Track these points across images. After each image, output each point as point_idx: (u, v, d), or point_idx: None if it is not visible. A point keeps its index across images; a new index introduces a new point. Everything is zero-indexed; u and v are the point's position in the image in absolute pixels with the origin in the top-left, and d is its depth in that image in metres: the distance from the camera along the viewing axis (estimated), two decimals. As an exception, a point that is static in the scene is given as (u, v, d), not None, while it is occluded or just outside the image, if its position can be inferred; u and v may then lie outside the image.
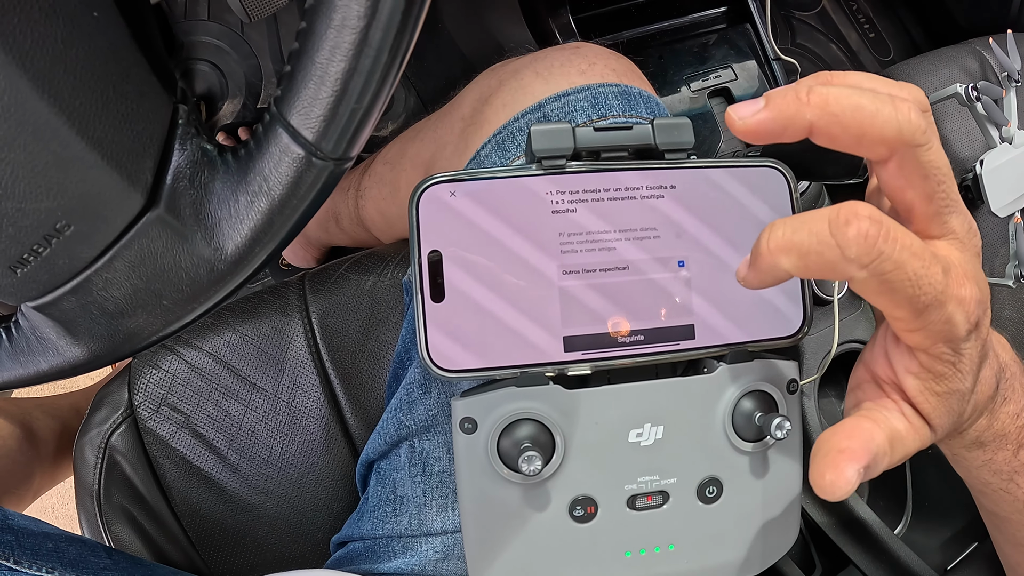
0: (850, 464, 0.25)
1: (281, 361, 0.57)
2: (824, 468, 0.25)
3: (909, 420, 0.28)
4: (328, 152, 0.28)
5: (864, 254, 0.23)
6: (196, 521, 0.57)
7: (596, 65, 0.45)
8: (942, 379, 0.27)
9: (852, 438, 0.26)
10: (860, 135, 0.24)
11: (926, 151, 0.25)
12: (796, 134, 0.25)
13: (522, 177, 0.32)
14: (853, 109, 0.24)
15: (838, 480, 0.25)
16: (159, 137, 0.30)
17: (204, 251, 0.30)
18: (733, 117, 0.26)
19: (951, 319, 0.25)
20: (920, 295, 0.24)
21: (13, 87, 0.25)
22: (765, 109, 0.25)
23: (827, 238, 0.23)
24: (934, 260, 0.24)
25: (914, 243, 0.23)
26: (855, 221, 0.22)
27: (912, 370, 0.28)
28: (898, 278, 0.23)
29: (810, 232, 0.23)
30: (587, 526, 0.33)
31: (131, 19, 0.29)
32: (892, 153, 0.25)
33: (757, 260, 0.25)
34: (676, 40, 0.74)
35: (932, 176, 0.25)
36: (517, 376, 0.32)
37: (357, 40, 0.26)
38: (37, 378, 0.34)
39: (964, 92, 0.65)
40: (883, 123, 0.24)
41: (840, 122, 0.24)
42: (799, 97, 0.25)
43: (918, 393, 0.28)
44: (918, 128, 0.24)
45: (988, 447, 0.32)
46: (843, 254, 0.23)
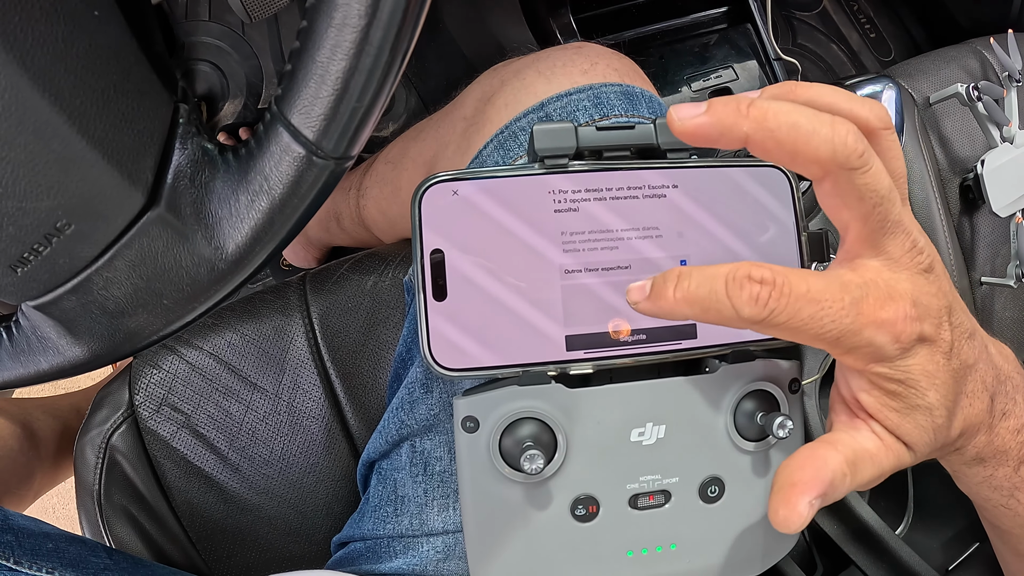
0: (801, 497, 0.26)
1: (282, 361, 0.57)
2: (777, 504, 0.26)
3: (881, 438, 0.28)
4: (329, 151, 0.28)
5: (756, 313, 0.25)
6: (197, 521, 0.57)
7: (598, 65, 0.45)
8: (894, 396, 0.28)
9: (803, 468, 0.27)
10: (794, 152, 0.25)
11: (861, 174, 0.25)
12: (732, 143, 0.26)
13: (525, 176, 0.32)
14: (789, 127, 0.25)
15: (791, 515, 0.26)
16: (160, 136, 0.30)
17: (205, 250, 0.30)
18: (673, 117, 0.27)
19: (872, 342, 0.26)
20: (823, 332, 0.25)
21: (14, 86, 0.25)
22: (705, 114, 0.26)
23: (723, 298, 0.25)
24: (839, 295, 0.25)
25: (811, 288, 0.25)
26: (747, 285, 0.25)
27: (863, 388, 0.28)
28: (796, 325, 0.25)
29: (710, 291, 0.25)
30: (589, 525, 0.33)
31: (132, 18, 0.29)
32: (826, 174, 0.26)
33: (659, 300, 0.26)
34: (677, 40, 0.74)
35: (867, 199, 0.26)
36: (519, 375, 0.32)
37: (358, 39, 0.26)
38: (37, 377, 0.34)
39: (965, 92, 0.65)
40: (817, 144, 0.25)
41: (775, 138, 0.25)
42: (739, 108, 0.25)
43: (876, 411, 0.28)
44: (853, 151, 0.25)
45: (988, 463, 0.32)
46: (737, 314, 0.25)
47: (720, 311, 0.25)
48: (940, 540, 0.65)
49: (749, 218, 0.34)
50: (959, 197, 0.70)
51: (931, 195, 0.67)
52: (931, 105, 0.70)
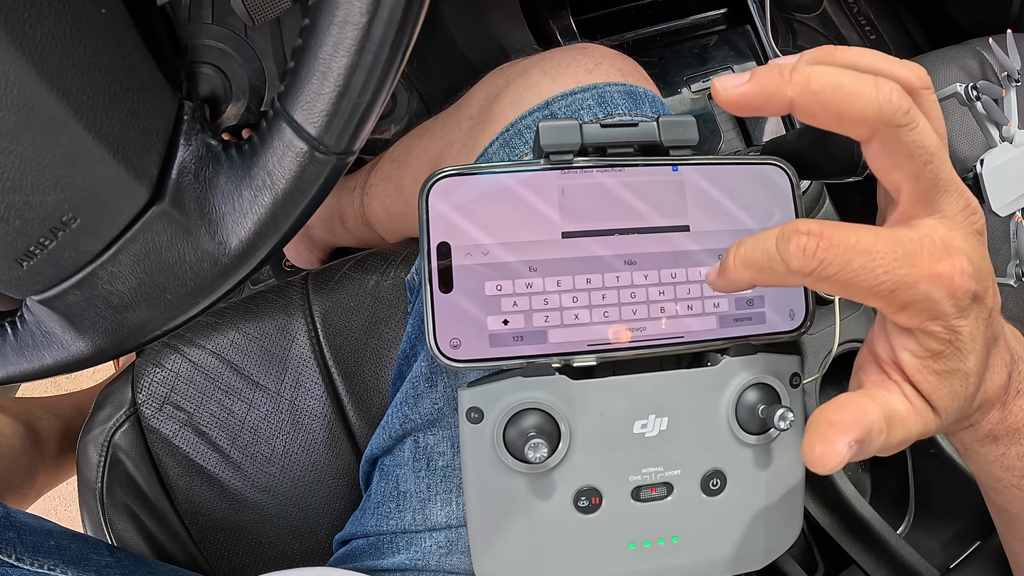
0: (840, 436, 0.25)
1: (284, 360, 0.58)
2: (814, 440, 0.26)
3: (911, 402, 0.28)
4: (331, 146, 0.29)
5: (805, 264, 0.25)
6: (198, 519, 0.57)
7: (602, 65, 0.45)
8: (939, 357, 0.27)
9: (844, 411, 0.26)
10: (840, 114, 0.25)
11: (909, 131, 0.25)
12: (777, 109, 0.26)
13: (530, 171, 0.33)
14: (833, 88, 0.25)
15: (828, 452, 0.25)
16: (165, 132, 0.30)
17: (208, 245, 0.31)
18: (717, 87, 0.27)
19: (928, 296, 0.25)
20: (877, 284, 0.25)
21: (23, 81, 0.25)
22: (749, 83, 0.26)
23: (774, 254, 0.25)
24: (892, 247, 0.25)
25: (861, 239, 0.25)
26: (795, 237, 0.25)
27: (908, 347, 0.28)
28: (847, 276, 0.25)
29: (763, 250, 0.26)
30: (591, 517, 0.33)
31: (138, 17, 0.30)
32: (873, 133, 0.26)
33: (725, 271, 0.27)
34: (677, 41, 0.75)
35: (917, 156, 0.26)
36: (523, 366, 0.32)
37: (359, 36, 0.27)
38: (41, 372, 0.34)
39: (964, 92, 0.65)
40: (863, 103, 0.25)
41: (820, 100, 0.25)
42: (782, 74, 0.26)
43: (916, 372, 0.28)
44: (899, 108, 0.25)
45: (1001, 441, 0.31)
46: (788, 267, 0.25)
47: (773, 268, 0.25)
48: (941, 539, 0.65)
49: (751, 215, 0.34)
50: (959, 197, 0.70)
51: (931, 195, 0.67)
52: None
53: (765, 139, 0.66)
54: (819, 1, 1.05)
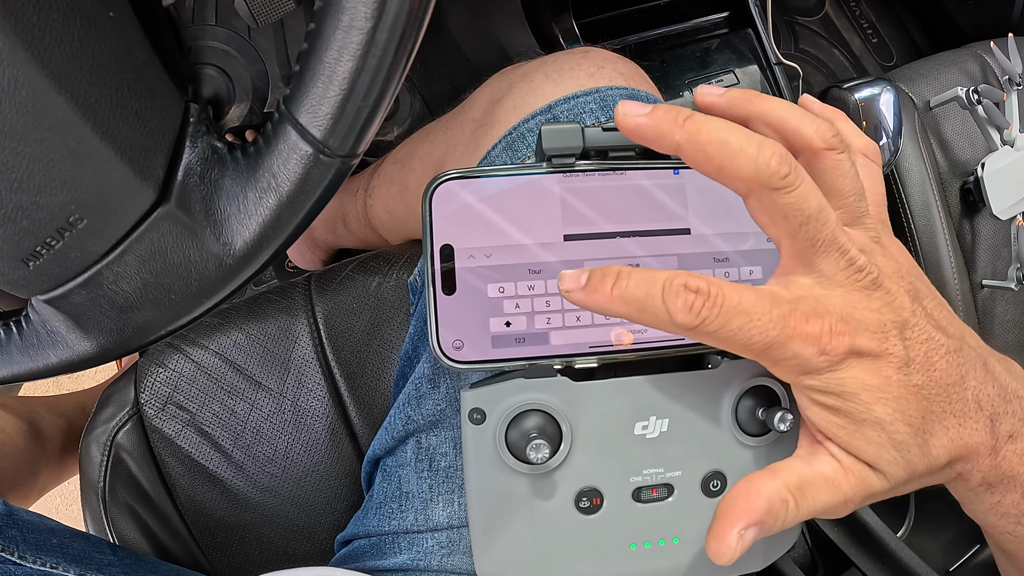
0: (729, 529, 0.27)
1: (287, 361, 0.58)
2: (709, 538, 0.27)
3: (840, 460, 0.28)
4: (335, 149, 0.29)
5: (688, 321, 0.26)
6: (200, 519, 0.57)
7: (604, 69, 0.45)
8: (836, 412, 0.28)
9: (735, 500, 0.28)
10: (720, 167, 0.26)
11: (784, 194, 0.26)
12: (666, 148, 0.27)
13: (533, 175, 0.33)
14: (718, 143, 0.26)
15: (720, 547, 0.27)
16: (171, 134, 0.30)
17: (213, 246, 0.31)
18: (620, 110, 0.28)
19: (798, 354, 0.27)
20: (751, 342, 0.26)
21: (31, 82, 0.25)
22: (647, 116, 0.27)
23: (659, 303, 0.26)
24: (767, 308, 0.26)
25: (742, 300, 0.26)
26: (683, 293, 0.26)
27: (805, 405, 0.29)
28: (725, 335, 0.26)
29: (647, 293, 0.26)
30: (593, 518, 0.33)
31: (145, 19, 0.30)
32: (750, 191, 0.27)
33: (595, 293, 0.27)
34: (679, 45, 0.75)
35: (791, 218, 0.27)
36: (525, 368, 0.32)
37: (364, 40, 0.27)
38: (46, 371, 0.34)
39: (965, 95, 0.66)
40: (742, 163, 0.26)
41: (704, 152, 0.26)
42: (676, 118, 0.27)
43: (825, 427, 0.28)
44: (775, 173, 0.26)
45: (996, 489, 0.30)
46: (671, 319, 0.26)
47: (654, 314, 0.26)
48: (941, 542, 0.65)
49: (750, 218, 0.35)
50: (959, 200, 0.70)
51: (931, 198, 0.68)
52: (932, 109, 0.70)
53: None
54: (821, 4, 1.06)
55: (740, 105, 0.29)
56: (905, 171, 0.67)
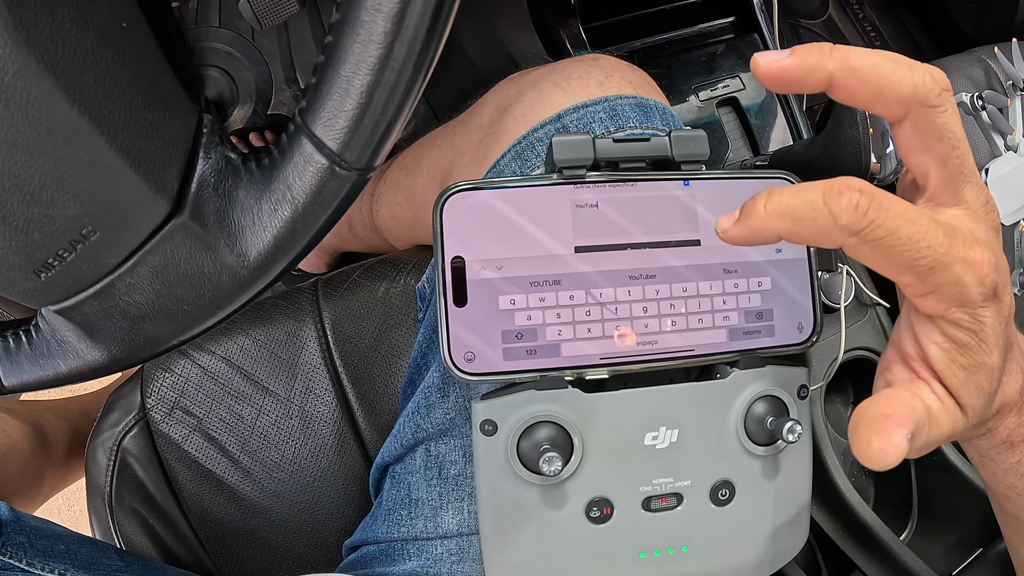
0: (897, 429, 0.25)
1: (294, 366, 0.58)
2: (870, 435, 0.25)
3: (941, 399, 0.28)
4: (351, 162, 0.29)
5: (855, 222, 0.24)
6: (207, 524, 0.57)
7: (613, 77, 0.45)
8: (966, 350, 0.27)
9: (895, 404, 0.26)
10: (877, 90, 0.26)
11: (940, 113, 0.26)
12: (816, 84, 0.26)
13: (543, 186, 0.33)
14: (871, 65, 0.25)
15: (887, 446, 0.24)
16: (185, 145, 0.30)
17: (227, 258, 0.31)
18: (759, 60, 0.27)
19: (960, 281, 0.25)
20: (919, 258, 0.25)
21: (45, 95, 0.25)
22: (790, 56, 0.26)
23: (821, 206, 0.24)
24: (933, 224, 0.25)
25: (908, 210, 0.24)
26: (847, 192, 0.24)
27: (935, 340, 0.27)
28: (892, 243, 0.24)
29: (805, 200, 0.24)
30: (603, 527, 0.34)
31: (157, 30, 0.30)
32: (907, 112, 0.26)
33: (749, 218, 0.26)
34: (685, 50, 0.75)
35: (946, 139, 0.26)
36: (536, 380, 0.33)
37: (382, 54, 0.27)
38: (56, 380, 0.34)
39: (969, 101, 0.66)
40: (899, 81, 0.25)
41: (858, 76, 0.26)
42: (822, 50, 0.26)
43: (944, 366, 0.28)
44: (932, 90, 0.25)
45: (1018, 448, 0.31)
46: (835, 221, 0.24)
47: (815, 219, 0.24)
48: (944, 545, 0.65)
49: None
50: (963, 205, 0.70)
51: (936, 203, 0.68)
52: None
53: (772, 148, 0.66)
54: (824, 7, 1.06)
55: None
56: (909, 176, 0.67)
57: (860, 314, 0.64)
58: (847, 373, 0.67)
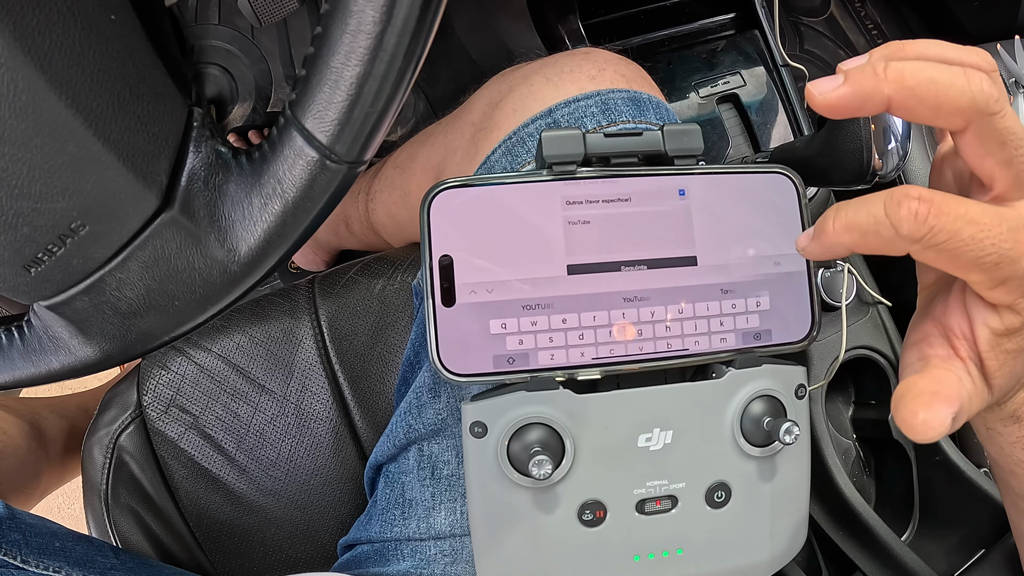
0: (944, 406, 0.26)
1: (290, 364, 0.58)
2: (917, 407, 0.25)
3: (975, 381, 0.28)
4: (342, 155, 0.29)
5: (915, 230, 0.25)
6: (203, 522, 0.57)
7: (606, 71, 0.45)
8: (1015, 335, 0.28)
9: (943, 383, 0.26)
10: (936, 107, 0.26)
11: (1000, 118, 0.26)
12: (874, 108, 0.26)
13: (533, 182, 0.32)
14: (928, 82, 0.25)
15: (932, 419, 0.25)
16: (174, 139, 0.30)
17: (217, 253, 0.31)
18: (813, 92, 0.27)
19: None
20: (983, 256, 0.25)
21: (31, 88, 0.25)
22: (845, 84, 0.26)
23: (883, 218, 0.25)
24: (997, 221, 0.25)
25: (969, 211, 0.25)
26: (906, 202, 0.24)
27: (990, 323, 0.28)
28: (955, 246, 0.25)
29: (868, 213, 0.25)
30: (596, 530, 0.33)
31: (147, 22, 0.30)
32: (968, 123, 0.26)
33: (822, 236, 0.27)
34: (685, 46, 0.74)
35: (1009, 142, 0.26)
36: (527, 380, 0.32)
37: (372, 45, 0.26)
38: (48, 377, 0.34)
39: (973, 99, 0.65)
40: (957, 94, 0.25)
41: (917, 95, 0.25)
42: (877, 72, 0.26)
43: (990, 348, 0.28)
44: (991, 97, 0.25)
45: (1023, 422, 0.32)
46: (897, 232, 0.25)
47: (879, 232, 0.25)
48: (945, 546, 0.65)
49: (756, 223, 0.34)
50: (966, 204, 0.70)
51: (938, 202, 0.67)
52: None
53: (773, 145, 0.66)
54: (826, 5, 1.05)
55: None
56: (913, 175, 0.67)
57: (861, 313, 0.64)
58: (848, 372, 0.66)
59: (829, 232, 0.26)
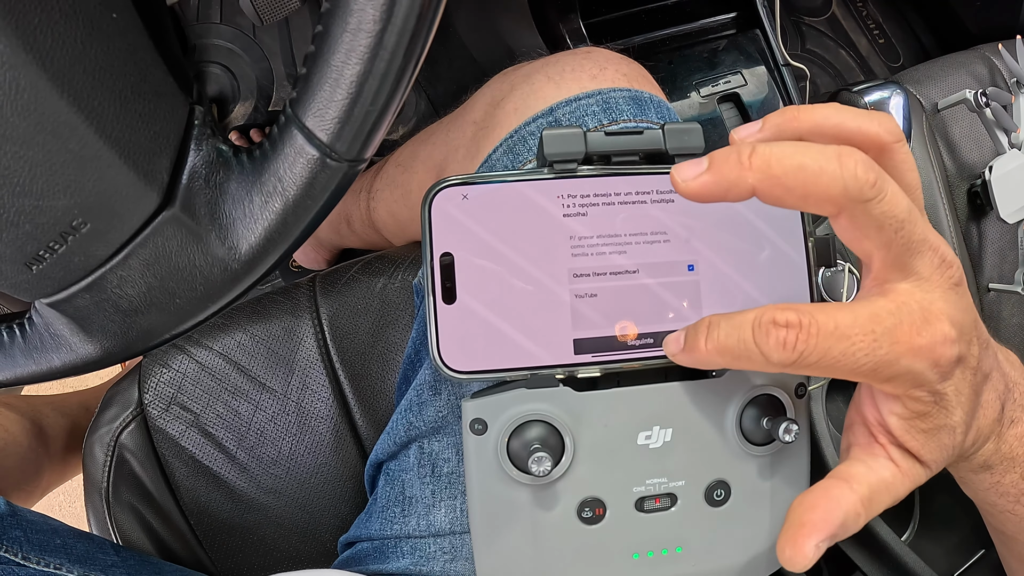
0: (808, 539, 0.26)
1: (291, 362, 0.58)
2: (784, 543, 0.26)
3: (898, 464, 0.28)
4: (342, 153, 0.29)
5: (785, 357, 0.25)
6: (204, 520, 0.57)
7: (607, 70, 0.45)
8: (925, 417, 0.27)
9: (815, 509, 0.27)
10: (805, 195, 0.24)
11: (877, 204, 0.24)
12: (740, 196, 0.25)
13: (534, 181, 0.32)
14: (796, 170, 0.24)
15: (795, 556, 0.26)
16: (175, 137, 0.30)
17: (218, 250, 0.31)
18: (676, 178, 0.26)
19: (910, 369, 0.25)
20: (858, 366, 0.25)
21: (33, 86, 0.25)
22: (708, 172, 0.25)
23: (752, 347, 0.25)
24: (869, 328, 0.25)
25: (839, 325, 0.25)
26: (772, 331, 0.25)
27: (895, 411, 0.28)
28: (828, 363, 0.25)
29: (739, 339, 0.26)
30: (595, 528, 0.33)
31: (149, 21, 0.30)
32: (840, 210, 0.25)
33: (694, 351, 0.27)
34: (686, 45, 0.75)
35: (887, 226, 0.25)
36: (527, 378, 0.32)
37: (372, 43, 0.27)
38: (50, 374, 0.34)
39: (973, 98, 0.65)
40: (827, 182, 0.24)
41: (783, 184, 0.24)
42: (741, 160, 0.25)
43: (904, 432, 0.28)
44: (865, 183, 0.24)
45: (996, 470, 0.31)
46: (767, 360, 0.25)
47: (750, 358, 0.25)
48: (945, 547, 0.65)
49: (757, 223, 0.34)
50: (967, 203, 0.70)
51: (939, 201, 0.67)
52: (939, 111, 0.70)
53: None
54: (827, 4, 1.05)
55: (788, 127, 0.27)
56: (912, 174, 0.67)
57: (862, 313, 0.63)
58: (848, 372, 0.66)
59: (701, 350, 0.27)
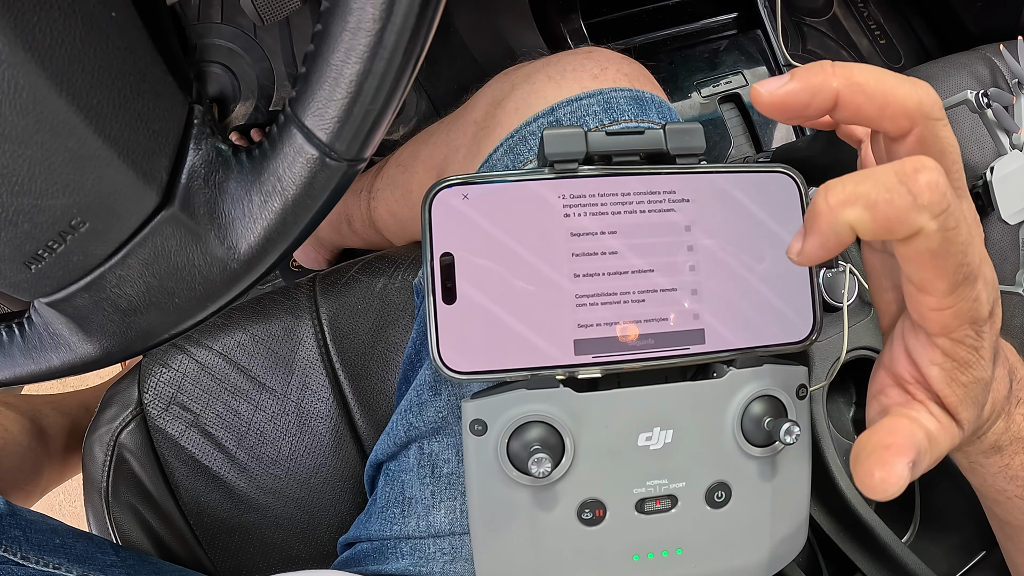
0: (898, 458, 0.24)
1: (291, 362, 0.58)
2: (872, 466, 0.24)
3: (938, 419, 0.27)
4: (342, 153, 0.29)
5: (936, 202, 0.22)
6: (203, 520, 0.57)
7: (608, 70, 0.45)
8: (966, 367, 0.26)
9: (895, 433, 0.25)
10: (884, 105, 0.25)
11: (943, 126, 0.25)
12: (822, 105, 0.25)
13: (534, 181, 0.32)
14: (876, 80, 0.25)
15: (889, 476, 0.24)
16: (175, 136, 0.30)
17: (217, 250, 0.31)
18: (760, 91, 0.25)
19: (979, 297, 0.25)
20: (964, 264, 0.23)
21: (32, 84, 0.25)
22: (793, 81, 0.25)
23: (897, 185, 0.22)
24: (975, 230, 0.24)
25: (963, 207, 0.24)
26: (924, 170, 0.22)
27: (936, 360, 0.27)
28: (955, 238, 0.23)
29: (877, 182, 0.22)
30: (595, 529, 0.33)
31: (148, 20, 0.30)
32: (913, 125, 0.25)
33: (815, 222, 0.23)
34: (687, 46, 0.74)
35: (948, 153, 0.25)
36: (527, 379, 0.32)
37: (372, 43, 0.26)
38: (49, 374, 0.34)
39: (975, 99, 0.65)
40: (904, 95, 0.25)
41: (865, 91, 0.25)
42: (824, 69, 0.25)
43: (944, 384, 0.27)
44: (936, 103, 0.25)
45: (1005, 451, 0.32)
46: (915, 201, 0.22)
47: (892, 200, 0.22)
48: (946, 548, 0.64)
49: (758, 224, 0.34)
50: (968, 204, 0.70)
51: (940, 202, 0.67)
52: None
53: (775, 145, 0.66)
54: (829, 5, 1.05)
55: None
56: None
57: (863, 313, 0.63)
58: (849, 373, 0.66)
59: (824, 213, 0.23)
